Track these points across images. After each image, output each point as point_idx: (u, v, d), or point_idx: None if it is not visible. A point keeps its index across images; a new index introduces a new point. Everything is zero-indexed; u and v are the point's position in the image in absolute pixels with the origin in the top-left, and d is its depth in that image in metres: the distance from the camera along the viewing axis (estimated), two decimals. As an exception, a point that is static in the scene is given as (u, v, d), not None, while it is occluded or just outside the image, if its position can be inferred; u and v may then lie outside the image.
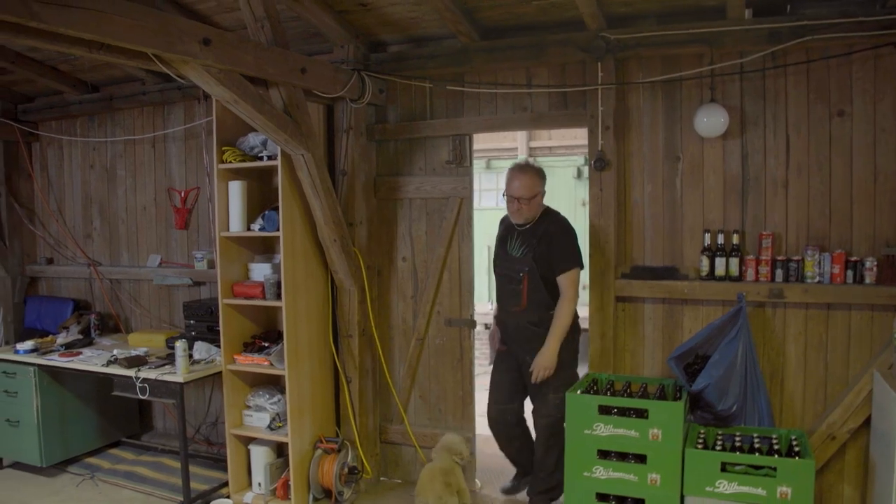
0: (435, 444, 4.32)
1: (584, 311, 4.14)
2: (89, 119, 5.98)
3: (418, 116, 4.61)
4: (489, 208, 9.11)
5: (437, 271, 4.59)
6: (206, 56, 3.25)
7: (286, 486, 4.40)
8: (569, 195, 9.82)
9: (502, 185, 4.45)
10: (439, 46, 4.51)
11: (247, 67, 3.52)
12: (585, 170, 9.54)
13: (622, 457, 3.56)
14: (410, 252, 4.69)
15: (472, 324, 4.58)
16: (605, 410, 3.59)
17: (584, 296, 4.25)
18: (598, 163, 4.08)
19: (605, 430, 3.56)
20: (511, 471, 4.55)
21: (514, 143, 9.86)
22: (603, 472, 3.58)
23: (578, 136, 9.53)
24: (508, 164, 9.74)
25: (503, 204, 4.14)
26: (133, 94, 5.58)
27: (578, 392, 3.75)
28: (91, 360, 4.70)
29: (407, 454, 4.78)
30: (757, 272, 3.87)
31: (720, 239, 3.91)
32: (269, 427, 4.41)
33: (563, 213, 4.18)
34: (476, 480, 4.65)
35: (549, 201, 4.17)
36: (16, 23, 2.61)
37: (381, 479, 4.87)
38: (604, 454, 3.59)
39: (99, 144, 5.93)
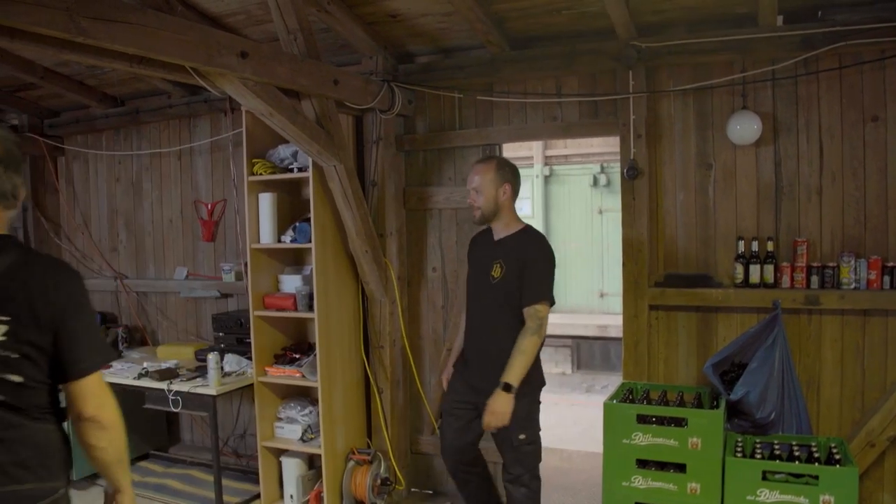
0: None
1: (617, 320, 4.11)
2: (115, 133, 6.01)
3: (447, 127, 4.62)
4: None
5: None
6: (244, 69, 3.28)
7: (319, 498, 4.39)
8: (585, 203, 9.85)
9: (521, 193, 4.46)
10: (468, 57, 4.52)
11: (281, 80, 3.54)
12: (602, 178, 9.57)
13: (661, 466, 3.54)
14: (440, 262, 4.68)
15: (504, 334, 4.55)
16: (643, 419, 3.57)
17: (607, 305, 4.22)
18: (630, 171, 4.07)
19: (644, 440, 3.54)
20: (548, 484, 4.51)
21: (530, 152, 9.89)
22: (642, 482, 3.56)
23: (594, 144, 9.56)
24: (524, 172, 9.80)
25: (521, 212, 4.08)
26: (159, 107, 5.61)
27: (615, 401, 3.74)
28: (122, 373, 4.71)
29: (438, 465, 4.76)
30: (792, 279, 3.84)
31: (754, 246, 3.89)
32: (301, 439, 4.40)
33: (579, 221, 4.15)
34: (508, 491, 4.62)
35: (565, 209, 4.17)
36: (63, 38, 2.64)
37: (413, 490, 4.85)
38: (642, 463, 3.57)
39: (125, 158, 5.96)
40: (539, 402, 3.65)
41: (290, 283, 4.48)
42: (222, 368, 4.45)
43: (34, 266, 1.90)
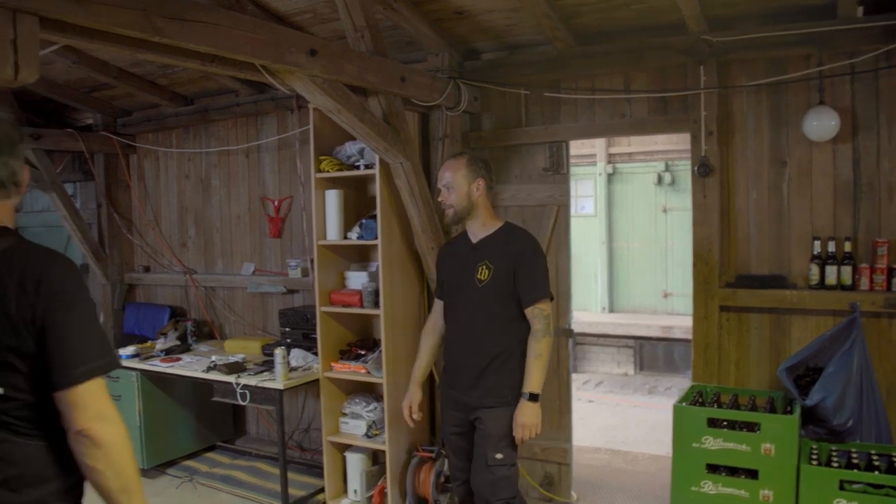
0: (530, 454, 4.27)
1: (682, 321, 4.02)
2: (185, 131, 6.14)
3: (513, 124, 4.58)
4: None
5: (533, 280, 4.53)
6: (313, 66, 3.29)
7: (382, 493, 4.41)
8: (648, 202, 9.70)
9: (582, 192, 4.39)
10: (534, 53, 4.48)
11: (349, 77, 3.55)
12: (666, 176, 9.40)
13: (732, 471, 3.45)
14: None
15: (570, 333, 4.51)
16: (713, 423, 3.48)
17: (671, 305, 4.12)
18: (702, 169, 3.98)
19: (715, 444, 3.46)
20: (611, 486, 4.46)
21: (593, 150, 9.77)
22: (712, 487, 3.47)
23: (659, 141, 9.40)
24: (587, 170, 9.65)
25: (584, 210, 3.99)
26: (227, 105, 5.71)
27: (685, 404, 3.66)
28: (191, 366, 4.81)
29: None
30: (871, 281, 3.70)
31: (831, 247, 3.76)
32: (366, 434, 4.42)
33: (642, 220, 4.03)
34: (572, 493, 4.58)
35: (628, 208, 4.08)
36: (139, 38, 2.69)
37: (474, 488, 4.83)
38: (713, 468, 3.48)
39: (194, 155, 6.08)
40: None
41: (356, 279, 4.51)
42: (289, 363, 4.50)
43: (14, 261, 1.66)
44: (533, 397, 3.16)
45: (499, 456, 3.19)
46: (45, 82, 5.55)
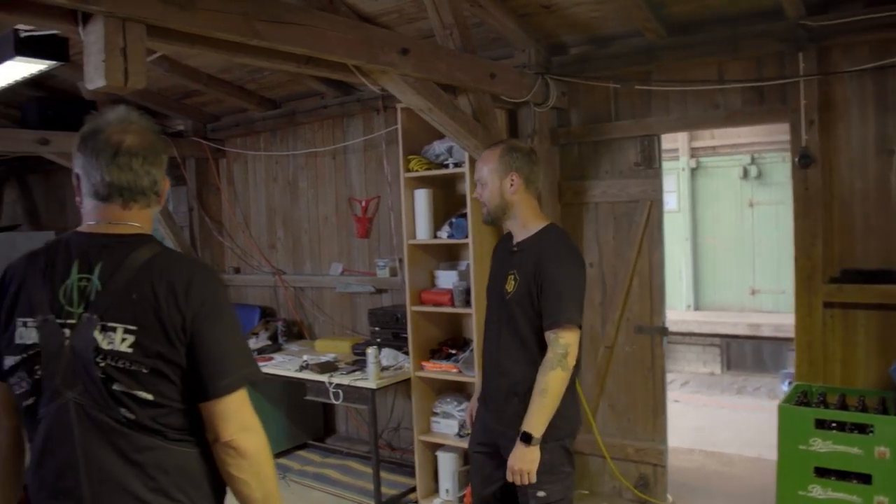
0: (623, 455, 4.19)
1: (770, 318, 3.86)
2: (272, 134, 6.25)
3: (603, 118, 4.51)
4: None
5: (626, 277, 4.45)
6: (404, 65, 3.30)
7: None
8: (734, 196, 9.44)
9: (664, 187, 4.28)
10: (624, 45, 4.39)
11: (440, 75, 3.55)
12: (752, 169, 9.13)
13: (842, 476, 3.30)
14: (597, 257, 4.58)
15: (664, 331, 4.41)
16: (821, 425, 3.34)
17: (759, 302, 3.94)
18: (803, 159, 3.83)
19: (823, 447, 3.32)
20: (709, 489, 4.34)
21: (675, 144, 9.56)
22: (821, 492, 3.33)
23: (743, 134, 9.13)
24: (669, 165, 9.43)
25: (667, 206, 3.74)
26: (314, 108, 5.78)
27: (790, 404, 3.53)
28: (283, 365, 4.88)
29: (594, 465, 4.66)
30: None
31: (944, 238, 3.59)
32: (458, 434, 4.41)
33: (727, 215, 3.81)
34: (668, 495, 4.47)
35: (713, 202, 3.92)
36: (237, 42, 2.74)
37: (566, 489, 4.77)
38: (821, 472, 3.34)
39: (281, 158, 6.19)
40: (569, 452, 2.86)
41: (446, 278, 4.51)
42: (380, 362, 4.52)
43: (162, 269, 1.67)
44: (526, 438, 2.67)
45: (541, 494, 2.78)
46: (140, 90, 5.71)
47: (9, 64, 3.29)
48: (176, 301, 1.64)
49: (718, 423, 6.65)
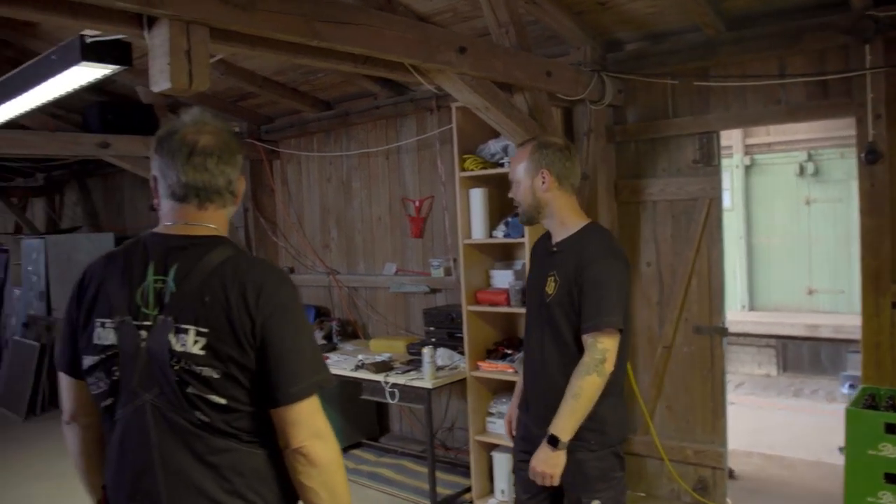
0: (682, 457, 4.12)
1: (828, 319, 3.75)
2: (325, 135, 6.30)
3: (660, 115, 4.44)
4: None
5: (684, 276, 4.39)
6: (462, 64, 3.30)
7: (531, 494, 4.36)
8: (790, 194, 9.25)
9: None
10: (680, 41, 4.32)
11: (497, 73, 3.54)
12: (809, 166, 8.94)
13: (916, 481, 3.21)
14: (655, 256, 4.52)
15: (724, 332, 4.33)
16: (892, 429, 3.25)
17: (816, 302, 3.84)
18: (870, 155, 3.73)
19: (895, 452, 3.23)
20: (770, 493, 4.25)
21: (729, 141, 9.39)
22: (891, 499, 3.22)
23: (800, 130, 8.94)
24: (724, 163, 9.32)
25: (725, 204, 3.66)
26: (366, 108, 5.81)
27: (858, 407, 3.44)
28: (339, 365, 4.91)
29: (652, 467, 4.60)
30: None
31: None
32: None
33: (783, 214, 3.68)
34: (727, 499, 4.39)
35: (768, 201, 3.81)
36: (297, 42, 2.77)
37: (623, 491, 4.72)
38: (892, 478, 3.24)
39: (335, 158, 6.23)
40: (620, 457, 2.74)
41: (502, 278, 4.49)
42: (436, 362, 4.52)
43: (235, 272, 1.65)
44: (552, 441, 2.56)
45: (595, 502, 2.67)
46: (197, 94, 5.82)
47: (75, 69, 3.35)
48: (247, 305, 1.62)
49: (776, 425, 6.52)
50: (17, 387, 7.65)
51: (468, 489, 4.71)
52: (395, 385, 4.47)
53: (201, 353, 1.60)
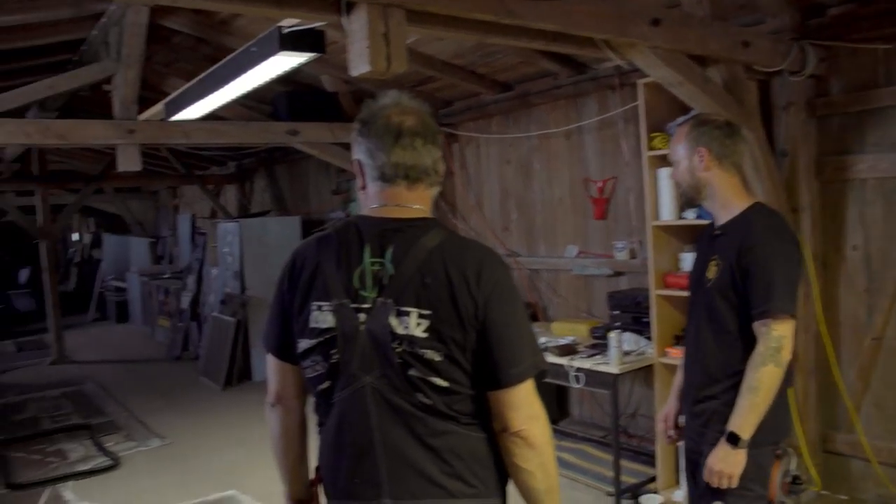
0: (893, 460, 3.77)
1: None
2: (504, 117, 6.28)
3: (870, 85, 4.04)
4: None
5: (897, 261, 4.01)
6: (654, 37, 3.18)
7: (722, 487, 4.17)
8: None
9: None
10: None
11: (690, 45, 3.38)
12: None
13: None
14: (862, 240, 4.14)
15: (946, 322, 3.94)
16: None
17: None
18: None
19: None
20: None
21: None
22: None
23: None
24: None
25: None
26: (546, 89, 5.74)
27: None
28: (521, 348, 4.89)
29: (855, 468, 4.25)
30: None
31: None
32: (704, 424, 4.21)
33: None
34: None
35: None
36: (489, 21, 2.75)
37: (823, 492, 4.40)
38: None
39: (515, 140, 6.20)
40: (776, 456, 2.60)
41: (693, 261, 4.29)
42: (621, 347, 4.41)
43: (453, 253, 1.67)
44: (732, 438, 2.41)
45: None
46: (378, 80, 5.97)
47: (274, 59, 3.53)
48: (468, 285, 1.63)
49: None
50: (217, 359, 8.28)
51: (653, 479, 4.58)
52: (580, 369, 4.40)
53: (424, 335, 1.62)
